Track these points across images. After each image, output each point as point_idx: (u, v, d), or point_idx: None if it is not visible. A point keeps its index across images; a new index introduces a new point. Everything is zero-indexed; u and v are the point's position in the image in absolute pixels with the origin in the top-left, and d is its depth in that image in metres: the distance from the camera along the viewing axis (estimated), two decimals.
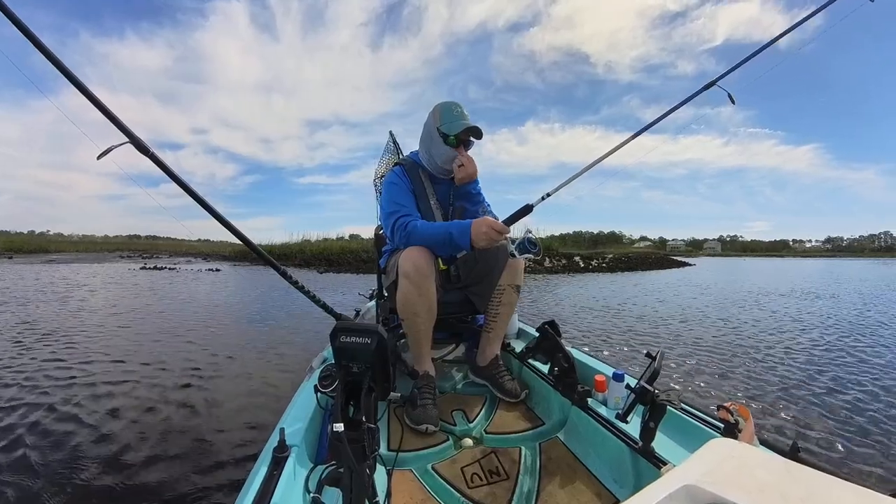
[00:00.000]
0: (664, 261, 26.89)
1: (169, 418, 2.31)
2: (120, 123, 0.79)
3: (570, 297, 8.36)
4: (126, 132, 0.79)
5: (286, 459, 0.88)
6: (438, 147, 1.52)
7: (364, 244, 20.19)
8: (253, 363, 3.44)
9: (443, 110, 1.53)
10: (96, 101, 0.78)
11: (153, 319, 5.38)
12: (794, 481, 0.51)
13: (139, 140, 0.79)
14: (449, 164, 1.54)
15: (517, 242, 1.36)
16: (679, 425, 1.06)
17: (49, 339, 4.08)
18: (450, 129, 1.50)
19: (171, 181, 0.84)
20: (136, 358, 3.49)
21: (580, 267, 18.25)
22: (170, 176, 0.83)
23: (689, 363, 3.55)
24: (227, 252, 26.70)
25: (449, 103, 1.54)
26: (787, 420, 2.44)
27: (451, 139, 1.50)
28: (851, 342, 4.48)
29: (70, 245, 48.47)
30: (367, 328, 0.85)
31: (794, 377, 3.22)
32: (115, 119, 0.79)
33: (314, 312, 5.22)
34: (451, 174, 1.58)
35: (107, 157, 0.74)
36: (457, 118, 1.50)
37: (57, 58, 0.74)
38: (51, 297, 7.39)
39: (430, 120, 1.55)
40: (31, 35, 0.72)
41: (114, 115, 0.79)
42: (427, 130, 1.56)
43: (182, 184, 0.84)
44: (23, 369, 3.12)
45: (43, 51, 0.73)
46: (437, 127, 1.51)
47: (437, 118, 1.52)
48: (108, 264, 18.76)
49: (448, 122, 1.50)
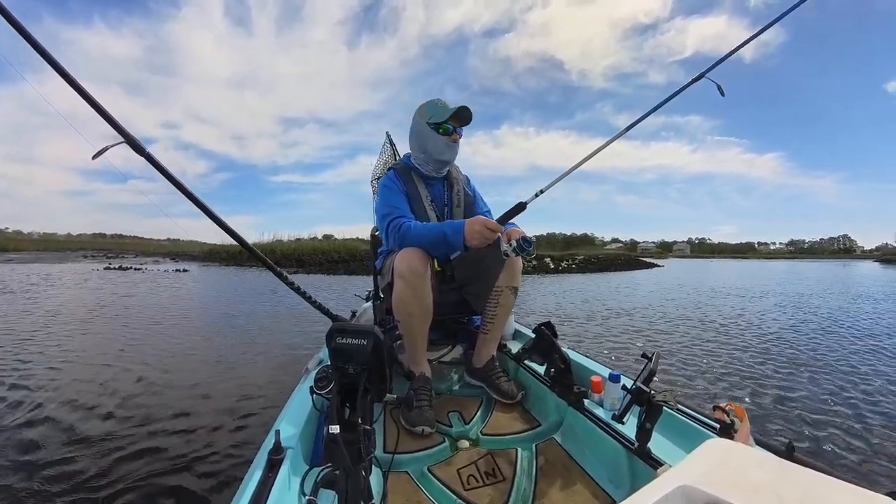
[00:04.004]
0: (633, 262, 27.52)
1: (161, 420, 2.29)
2: (116, 124, 0.78)
3: (539, 300, 8.49)
4: (122, 132, 0.78)
5: (281, 462, 0.87)
6: (431, 139, 1.56)
7: (336, 245, 19.82)
8: (246, 364, 3.43)
9: (428, 106, 1.58)
10: (95, 103, 0.77)
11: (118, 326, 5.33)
12: (790, 481, 0.51)
13: (135, 140, 0.79)
14: (445, 154, 1.58)
15: (512, 242, 1.36)
16: (675, 426, 1.07)
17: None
18: (441, 116, 1.54)
19: (143, 178, 0.83)
20: (121, 361, 3.46)
21: (550, 268, 18.44)
22: (165, 176, 0.83)
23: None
24: (196, 252, 25.69)
25: (432, 100, 1.60)
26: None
27: (443, 126, 1.54)
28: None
29: (30, 244, 44.69)
30: (363, 329, 0.85)
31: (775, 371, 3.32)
32: (111, 120, 0.78)
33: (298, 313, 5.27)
34: (446, 170, 1.63)
35: (101, 156, 0.74)
36: (444, 107, 1.56)
37: (56, 60, 0.74)
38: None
39: (416, 119, 1.60)
40: (29, 37, 0.72)
41: (111, 115, 0.79)
42: (416, 129, 1.60)
43: (178, 184, 0.84)
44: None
45: (41, 52, 0.73)
46: (426, 122, 1.56)
47: (424, 114, 1.57)
48: (71, 264, 18.31)
49: (435, 113, 1.56)
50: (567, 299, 8.62)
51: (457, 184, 1.69)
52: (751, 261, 69.98)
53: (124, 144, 0.78)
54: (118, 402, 2.52)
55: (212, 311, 6.45)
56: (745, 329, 5.43)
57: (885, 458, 2.05)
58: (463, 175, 1.76)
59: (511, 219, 1.43)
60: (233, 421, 2.30)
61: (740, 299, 9.05)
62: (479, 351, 1.61)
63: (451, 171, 1.69)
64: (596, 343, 4.53)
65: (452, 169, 1.70)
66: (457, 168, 1.74)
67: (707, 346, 4.43)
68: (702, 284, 13.32)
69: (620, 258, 28.12)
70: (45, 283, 9.87)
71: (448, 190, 1.67)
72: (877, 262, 48.05)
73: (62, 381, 2.91)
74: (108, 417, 2.31)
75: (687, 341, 4.63)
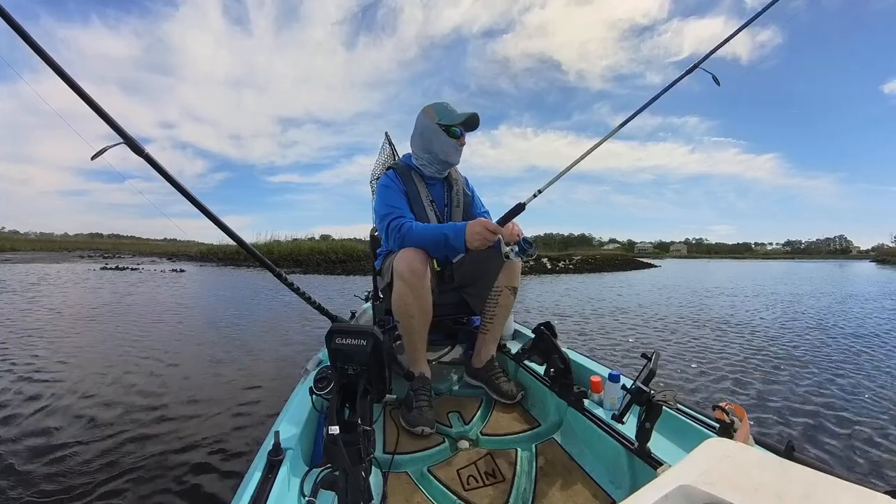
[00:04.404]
0: (630, 262, 27.69)
1: (159, 420, 2.28)
2: (116, 125, 0.78)
3: (535, 300, 8.53)
4: (122, 133, 0.78)
5: (281, 462, 0.87)
6: (439, 141, 1.56)
7: (333, 245, 19.74)
8: (245, 365, 3.42)
9: (437, 108, 1.59)
10: (94, 105, 0.77)
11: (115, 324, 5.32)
12: (790, 480, 0.51)
13: (134, 141, 0.79)
14: (452, 156, 1.59)
15: (513, 244, 1.36)
16: (675, 425, 1.07)
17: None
18: (451, 119, 1.56)
19: (139, 178, 0.83)
20: (115, 361, 3.45)
21: (547, 269, 18.47)
22: (165, 177, 0.83)
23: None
24: (193, 252, 25.64)
25: (440, 102, 1.61)
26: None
27: (453, 129, 1.56)
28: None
29: (27, 243, 45.07)
30: (362, 330, 0.85)
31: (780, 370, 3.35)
32: (111, 121, 0.78)
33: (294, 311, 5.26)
34: (448, 170, 1.65)
35: (99, 157, 0.74)
36: (453, 111, 1.58)
37: (55, 62, 0.74)
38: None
39: (424, 120, 1.59)
40: (28, 37, 0.72)
41: (110, 117, 0.78)
42: (422, 129, 1.59)
43: (177, 184, 0.84)
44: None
45: (41, 54, 0.73)
46: (436, 122, 1.56)
47: (434, 115, 1.58)
48: (68, 264, 18.19)
49: (446, 115, 1.57)
50: (564, 299, 8.67)
51: (456, 184, 1.69)
52: (748, 261, 70.71)
53: (123, 145, 0.78)
54: (114, 405, 2.51)
55: (208, 311, 6.43)
56: (736, 326, 5.51)
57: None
58: (462, 176, 1.77)
59: (511, 219, 1.43)
60: (232, 421, 2.30)
61: (751, 300, 9.03)
62: (478, 351, 1.61)
63: (450, 171, 1.69)
64: (588, 339, 4.60)
65: (452, 170, 1.70)
66: (456, 169, 1.74)
67: (697, 342, 4.54)
68: (697, 285, 13.44)
69: (617, 258, 28.26)
70: (44, 283, 9.88)
71: (448, 190, 1.67)
72: (873, 263, 48.47)
73: (46, 390, 2.89)
74: (107, 418, 2.31)
75: (675, 339, 4.74)
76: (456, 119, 1.56)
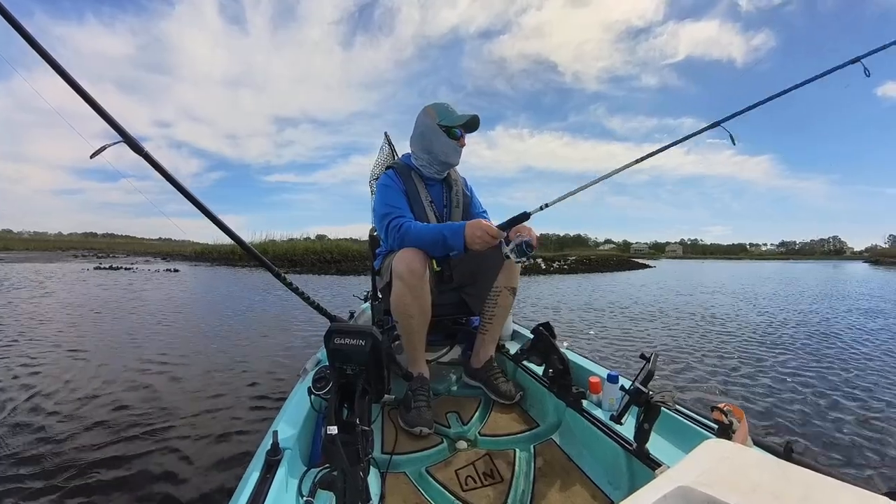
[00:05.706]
0: (625, 263, 27.83)
1: (157, 420, 2.27)
2: (116, 124, 0.78)
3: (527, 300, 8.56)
4: (121, 132, 0.78)
5: (279, 463, 0.86)
6: (439, 141, 1.56)
7: (328, 245, 19.65)
8: (243, 365, 3.41)
9: (438, 108, 1.59)
10: (94, 103, 0.77)
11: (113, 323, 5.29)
12: (789, 482, 0.51)
13: (133, 139, 0.78)
14: (452, 157, 1.59)
15: (513, 245, 1.36)
16: (673, 427, 1.07)
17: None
18: (452, 120, 1.56)
19: (135, 176, 0.83)
20: (112, 360, 3.44)
21: (542, 269, 18.42)
22: (164, 176, 0.83)
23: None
24: (188, 252, 25.48)
25: (440, 103, 1.61)
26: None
27: (453, 130, 1.56)
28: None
29: (20, 243, 44.78)
30: (361, 330, 0.84)
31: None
32: (111, 119, 0.78)
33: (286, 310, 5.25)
34: (447, 171, 1.65)
35: (97, 155, 0.73)
36: (453, 112, 1.59)
37: (56, 60, 0.73)
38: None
39: (424, 120, 1.59)
40: (27, 35, 0.71)
41: (110, 115, 0.78)
42: (422, 130, 1.59)
43: (176, 183, 0.84)
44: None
45: (41, 53, 0.72)
46: (437, 123, 1.56)
47: (434, 116, 1.58)
48: (61, 264, 17.93)
49: (447, 116, 1.57)
50: (558, 300, 8.67)
51: (456, 185, 1.69)
52: (742, 262, 70.58)
53: (121, 143, 0.78)
54: (110, 404, 2.50)
55: (205, 311, 6.40)
56: (736, 327, 5.51)
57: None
58: (461, 176, 1.77)
59: (512, 226, 1.41)
60: (230, 421, 2.29)
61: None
62: (477, 352, 1.60)
63: (450, 172, 1.69)
64: (582, 338, 4.65)
65: (451, 170, 1.70)
66: (455, 170, 1.74)
67: (690, 340, 4.60)
68: (689, 286, 13.39)
69: (613, 259, 28.32)
70: (35, 283, 9.80)
71: (447, 191, 1.67)
72: (866, 263, 48.81)
73: (28, 391, 2.88)
74: (105, 418, 2.30)
75: (673, 339, 4.77)
76: (457, 120, 1.56)
